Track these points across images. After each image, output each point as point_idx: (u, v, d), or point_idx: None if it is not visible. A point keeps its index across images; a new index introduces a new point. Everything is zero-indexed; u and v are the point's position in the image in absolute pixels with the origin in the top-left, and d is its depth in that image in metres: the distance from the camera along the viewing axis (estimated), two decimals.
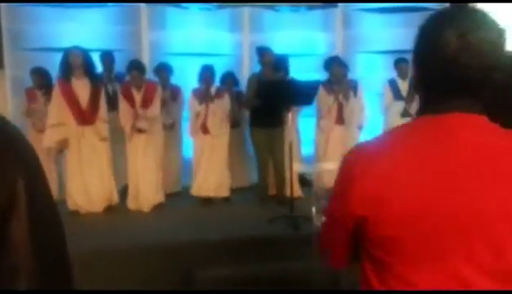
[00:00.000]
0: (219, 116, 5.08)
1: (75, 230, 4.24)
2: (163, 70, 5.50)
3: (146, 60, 6.12)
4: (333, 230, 1.07)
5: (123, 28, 6.19)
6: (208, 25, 6.45)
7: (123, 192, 5.14)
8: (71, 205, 4.75)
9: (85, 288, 3.31)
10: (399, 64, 5.90)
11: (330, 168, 5.21)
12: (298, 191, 5.21)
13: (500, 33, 0.91)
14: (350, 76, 5.75)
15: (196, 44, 6.34)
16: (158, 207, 4.94)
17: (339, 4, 6.69)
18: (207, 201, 5.14)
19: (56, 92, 4.70)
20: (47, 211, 0.83)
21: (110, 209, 4.86)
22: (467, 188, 0.89)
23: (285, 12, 6.67)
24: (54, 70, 5.40)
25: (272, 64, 4.95)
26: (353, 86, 5.61)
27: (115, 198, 4.92)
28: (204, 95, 5.06)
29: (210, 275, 3.53)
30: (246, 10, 6.48)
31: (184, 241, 3.90)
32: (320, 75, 5.65)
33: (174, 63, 5.83)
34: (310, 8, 6.67)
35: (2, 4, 5.86)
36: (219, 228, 4.20)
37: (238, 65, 6.37)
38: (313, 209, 3.16)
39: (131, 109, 4.84)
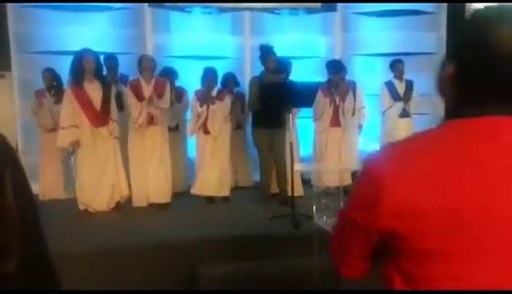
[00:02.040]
0: (219, 117, 5.21)
1: (83, 229, 4.40)
2: (169, 74, 5.62)
3: None
4: (351, 241, 0.97)
5: (128, 31, 6.33)
6: (211, 29, 6.58)
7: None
8: (81, 204, 4.88)
9: (90, 285, 3.43)
10: (395, 64, 6.02)
11: (328, 169, 5.38)
12: (299, 190, 5.36)
13: None
14: (349, 78, 5.91)
15: (199, 47, 6.48)
16: (163, 206, 5.07)
17: (338, 8, 6.82)
18: (210, 200, 5.29)
19: (69, 95, 4.79)
20: (26, 200, 0.94)
21: (119, 207, 4.98)
22: None
23: (285, 16, 6.80)
24: (60, 72, 5.57)
25: (274, 66, 5.09)
26: (352, 88, 5.77)
27: (127, 193, 5.03)
28: (205, 97, 5.20)
29: (213, 273, 3.61)
30: (247, 13, 6.62)
31: (188, 239, 3.98)
32: (319, 77, 5.79)
33: (177, 66, 5.98)
34: (309, 12, 6.81)
35: (10, 7, 5.99)
36: (222, 226, 4.30)
37: (239, 68, 6.51)
38: (314, 208, 3.31)
39: (140, 103, 4.95)
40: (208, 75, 5.22)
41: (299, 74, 5.79)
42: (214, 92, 5.24)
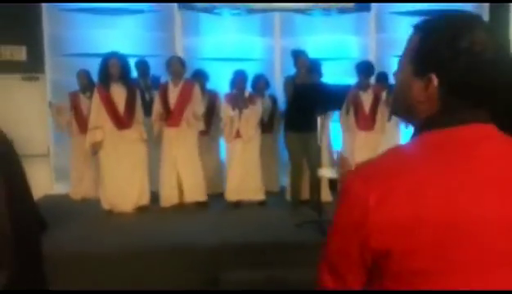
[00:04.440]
0: (252, 122, 5.13)
1: (106, 229, 4.42)
2: (200, 76, 5.60)
3: None
4: (342, 267, 0.90)
5: (158, 34, 6.35)
6: (240, 30, 6.52)
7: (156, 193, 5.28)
8: (106, 204, 4.92)
9: (110, 285, 3.43)
10: None
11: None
12: (328, 196, 5.19)
13: None
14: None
15: (228, 49, 6.43)
16: (201, 206, 5.10)
17: (372, 7, 6.61)
18: (237, 204, 5.20)
19: (96, 98, 4.89)
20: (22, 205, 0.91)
21: (140, 209, 4.99)
22: (501, 205, 0.80)
23: (317, 16, 6.64)
24: (92, 75, 5.63)
25: (307, 68, 4.97)
26: (388, 89, 5.56)
27: (146, 199, 5.04)
28: (237, 101, 5.11)
29: (235, 279, 3.55)
30: (277, 14, 6.51)
31: (211, 243, 3.94)
32: (351, 79, 5.60)
33: (207, 68, 5.93)
34: (342, 12, 6.63)
35: (44, 10, 6.12)
36: (247, 231, 4.23)
37: (269, 70, 6.40)
38: None
39: (162, 107, 5.00)
40: (239, 78, 5.14)
41: (331, 76, 5.63)
42: (246, 95, 5.16)
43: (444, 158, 0.83)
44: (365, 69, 5.38)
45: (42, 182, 6.17)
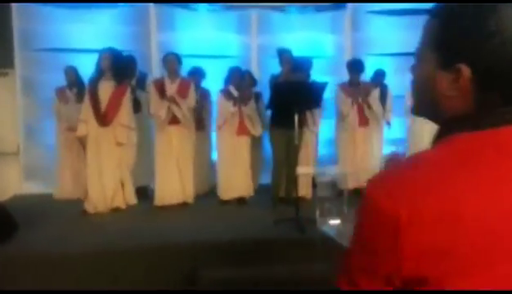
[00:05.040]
0: (255, 116, 5.21)
1: (82, 229, 4.32)
2: (196, 74, 5.58)
3: (155, 61, 6.16)
4: (365, 284, 0.76)
5: (132, 29, 6.23)
6: (216, 27, 6.46)
7: (142, 192, 5.26)
8: (87, 204, 4.81)
9: (90, 286, 3.38)
10: None
11: (349, 170, 5.25)
12: (309, 193, 5.25)
13: None
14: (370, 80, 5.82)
15: (204, 46, 6.36)
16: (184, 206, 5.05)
17: (348, 6, 6.66)
18: (226, 201, 5.23)
19: (86, 92, 4.89)
20: None
21: (115, 211, 4.89)
22: None
23: (293, 14, 6.65)
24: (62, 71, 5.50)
25: (290, 66, 4.99)
26: (383, 91, 5.79)
27: (121, 201, 4.95)
28: (237, 98, 5.13)
29: (213, 276, 3.52)
30: (254, 11, 6.48)
31: (189, 241, 3.90)
32: (328, 77, 5.63)
33: (183, 64, 5.85)
34: (318, 10, 6.65)
35: (13, 4, 5.93)
36: (225, 229, 4.22)
37: (246, 67, 6.35)
38: (317, 212, 3.16)
39: (162, 100, 4.93)
40: (236, 75, 5.18)
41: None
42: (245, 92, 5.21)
43: (483, 169, 0.69)
44: (355, 66, 5.50)
45: (12, 181, 5.99)
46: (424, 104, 0.82)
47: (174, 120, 4.94)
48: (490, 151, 0.70)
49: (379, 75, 6.04)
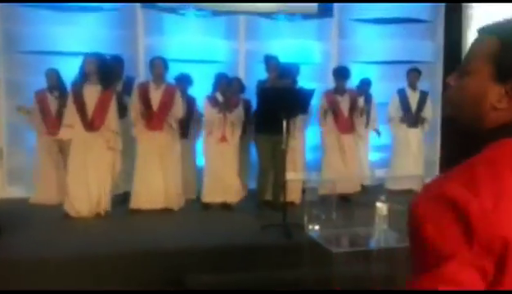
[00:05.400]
0: (238, 124, 5.19)
1: (65, 234, 4.26)
2: (183, 81, 5.53)
3: (142, 65, 6.13)
4: None
5: (119, 32, 6.18)
6: (204, 32, 6.45)
7: (123, 198, 5.19)
8: (68, 208, 4.71)
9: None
10: (409, 72, 6.08)
11: (335, 176, 5.29)
12: (298, 198, 5.26)
13: None
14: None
15: (192, 50, 6.35)
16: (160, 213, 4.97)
17: (335, 14, 6.73)
18: (208, 206, 5.21)
19: (70, 96, 4.81)
20: None
21: (98, 216, 4.81)
22: None
23: (281, 20, 6.69)
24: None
25: (277, 73, 5.03)
26: (367, 99, 5.97)
27: (104, 207, 4.86)
28: (222, 104, 5.11)
29: (200, 282, 3.52)
30: (242, 17, 6.50)
31: (175, 247, 3.89)
32: (314, 84, 5.68)
33: (170, 69, 5.83)
34: (306, 17, 6.71)
35: None
36: (212, 235, 4.21)
37: (233, 73, 6.37)
38: (305, 218, 3.18)
39: (142, 106, 4.92)
40: (222, 81, 5.17)
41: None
42: (230, 99, 5.19)
43: None
44: (341, 73, 5.56)
45: None
46: (467, 113, 0.87)
47: (156, 126, 4.91)
48: None
49: (365, 84, 6.16)
